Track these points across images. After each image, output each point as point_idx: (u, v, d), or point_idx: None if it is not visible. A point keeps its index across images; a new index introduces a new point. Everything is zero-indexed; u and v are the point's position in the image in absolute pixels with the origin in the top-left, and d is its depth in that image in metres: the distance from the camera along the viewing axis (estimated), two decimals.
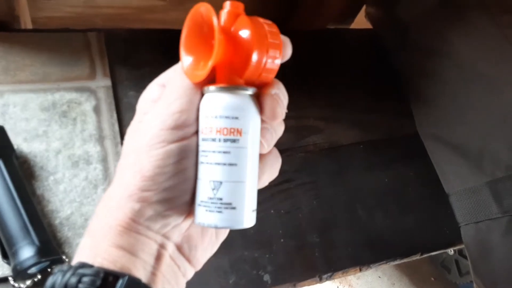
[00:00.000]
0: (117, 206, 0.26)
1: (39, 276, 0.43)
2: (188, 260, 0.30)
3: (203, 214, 0.27)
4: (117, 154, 0.52)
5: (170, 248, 0.28)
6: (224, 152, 0.27)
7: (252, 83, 0.27)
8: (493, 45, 0.58)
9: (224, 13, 0.28)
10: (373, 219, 0.62)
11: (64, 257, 0.44)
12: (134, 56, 0.61)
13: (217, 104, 0.27)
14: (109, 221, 0.26)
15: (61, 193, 0.48)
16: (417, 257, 0.62)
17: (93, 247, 0.26)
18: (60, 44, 0.58)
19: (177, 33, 0.29)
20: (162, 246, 0.27)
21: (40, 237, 0.41)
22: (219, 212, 0.27)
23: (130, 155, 0.27)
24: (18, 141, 0.49)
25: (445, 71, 0.65)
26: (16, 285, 0.42)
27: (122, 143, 0.53)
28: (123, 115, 0.56)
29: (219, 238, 0.32)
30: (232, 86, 0.27)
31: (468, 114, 0.62)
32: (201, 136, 0.27)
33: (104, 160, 0.52)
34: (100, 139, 0.53)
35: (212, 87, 0.27)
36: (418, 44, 0.70)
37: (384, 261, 0.59)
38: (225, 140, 0.27)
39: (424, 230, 0.64)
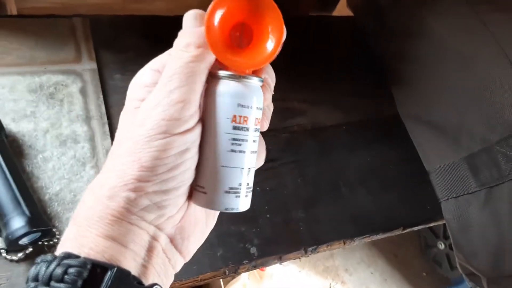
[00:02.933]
0: (110, 194, 0.25)
1: (30, 249, 0.44)
2: (180, 251, 0.29)
3: (232, 200, 0.28)
4: (104, 134, 0.53)
5: (163, 240, 0.27)
6: (254, 141, 0.28)
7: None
8: (465, 23, 0.60)
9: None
10: (356, 196, 0.64)
11: (54, 229, 0.45)
12: (119, 40, 0.62)
13: (253, 94, 0.27)
14: (100, 209, 0.25)
15: (50, 170, 0.49)
16: (399, 231, 0.64)
17: (79, 237, 0.24)
18: (46, 29, 0.59)
19: (160, 19, 0.30)
20: (154, 238, 0.27)
21: (31, 209, 0.42)
22: (246, 196, 0.28)
23: (125, 143, 0.26)
24: (7, 121, 0.50)
25: (421, 52, 0.67)
26: (8, 257, 0.43)
27: (108, 123, 0.54)
28: (109, 97, 0.57)
29: (209, 226, 0.31)
30: (259, 78, 0.28)
31: (445, 92, 0.64)
32: (231, 124, 0.27)
33: (91, 139, 0.53)
34: (87, 119, 0.54)
35: (253, 77, 0.27)
36: (395, 28, 0.72)
37: (368, 235, 0.61)
38: (256, 130, 0.28)
39: (405, 207, 0.66)
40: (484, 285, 0.62)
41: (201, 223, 0.30)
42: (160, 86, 0.26)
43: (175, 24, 0.30)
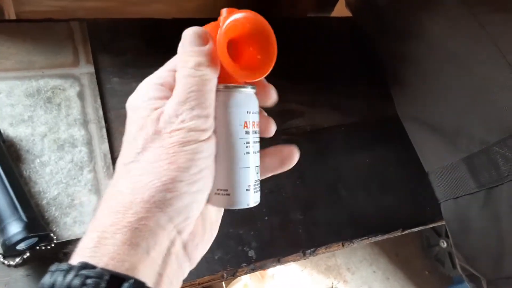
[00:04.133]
0: (143, 196, 0.26)
1: (28, 253, 0.44)
2: (190, 257, 0.30)
3: (254, 195, 0.32)
4: (102, 138, 0.54)
5: (178, 244, 0.28)
6: (257, 142, 0.32)
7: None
8: (462, 25, 0.60)
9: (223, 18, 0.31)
10: (355, 197, 0.64)
11: (52, 234, 0.45)
12: (116, 44, 0.62)
13: (255, 101, 0.32)
14: (132, 213, 0.25)
15: (48, 175, 0.49)
16: (398, 233, 0.64)
17: (100, 245, 0.25)
18: (44, 33, 0.59)
19: (158, 22, 0.31)
20: (172, 243, 0.27)
21: (28, 214, 0.42)
22: (259, 191, 0.33)
23: (155, 149, 0.27)
24: (4, 126, 0.50)
25: (419, 53, 0.67)
26: (5, 262, 0.43)
27: (106, 127, 0.54)
28: (107, 100, 0.57)
29: (213, 236, 0.33)
30: (253, 86, 0.32)
31: (443, 93, 0.64)
32: (244, 130, 0.31)
33: (89, 143, 0.53)
34: (85, 123, 0.54)
35: (249, 87, 0.31)
36: (393, 28, 0.72)
37: (366, 237, 0.61)
38: (257, 132, 0.32)
39: (404, 208, 0.66)
40: (484, 286, 0.62)
41: (208, 231, 0.32)
42: (180, 104, 0.28)
43: (173, 27, 0.31)
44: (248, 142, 0.31)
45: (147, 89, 0.30)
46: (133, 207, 0.26)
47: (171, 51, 0.31)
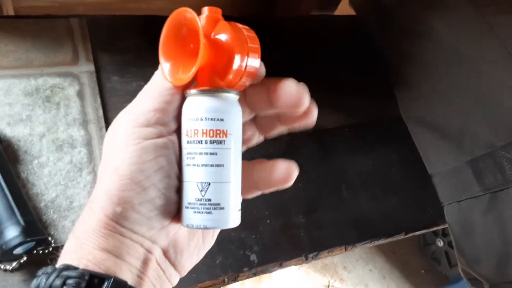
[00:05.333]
0: (99, 208, 0.26)
1: (25, 258, 0.43)
2: (174, 265, 0.29)
3: (191, 216, 0.27)
4: (102, 138, 0.52)
5: (157, 252, 0.28)
6: (211, 154, 0.27)
7: (233, 86, 0.28)
8: (471, 25, 0.59)
9: (203, 18, 0.28)
10: (358, 200, 0.63)
11: (49, 238, 0.44)
12: (117, 41, 0.61)
13: (202, 106, 0.27)
14: (93, 223, 0.26)
15: (46, 176, 0.48)
16: (401, 236, 0.63)
17: (77, 249, 0.25)
18: (43, 30, 0.58)
19: (160, 19, 0.30)
20: (148, 251, 0.27)
21: (25, 218, 0.41)
22: (208, 213, 0.27)
23: (108, 156, 0.27)
24: (2, 126, 0.49)
25: (426, 53, 0.66)
26: (2, 266, 0.42)
27: (106, 127, 0.53)
28: (107, 100, 0.56)
29: (206, 244, 0.32)
30: (216, 89, 0.28)
31: (448, 94, 0.63)
32: (185, 139, 0.28)
33: (88, 143, 0.52)
34: (84, 123, 0.53)
35: (195, 91, 0.27)
36: (399, 28, 0.71)
37: (369, 241, 0.60)
38: (212, 142, 0.27)
39: (408, 211, 0.65)
40: None
41: (196, 239, 0.31)
42: (137, 98, 0.28)
43: None
44: (190, 153, 0.27)
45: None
46: (93, 218, 0.26)
47: None
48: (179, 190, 0.28)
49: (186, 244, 0.30)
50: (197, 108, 0.27)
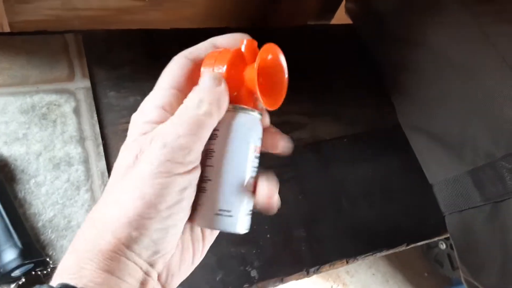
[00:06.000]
0: (110, 231, 0.25)
1: (23, 279, 0.42)
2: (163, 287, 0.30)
3: (249, 222, 0.32)
4: (99, 155, 0.52)
5: (154, 276, 0.28)
6: (256, 167, 0.32)
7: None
8: (467, 34, 0.59)
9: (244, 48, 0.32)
10: (359, 211, 0.63)
11: (47, 259, 0.43)
12: (113, 56, 0.60)
13: (261, 127, 0.32)
14: (101, 244, 0.25)
15: (43, 195, 0.48)
16: (403, 247, 0.63)
17: (77, 268, 0.25)
18: (38, 46, 0.57)
19: (155, 32, 0.30)
20: (147, 274, 0.27)
21: (23, 240, 0.41)
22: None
23: (129, 178, 0.27)
24: None
25: (422, 61, 0.66)
26: None
27: (103, 144, 0.53)
28: (104, 116, 0.55)
29: (194, 265, 0.32)
30: (260, 112, 0.32)
31: (446, 103, 0.63)
32: (253, 153, 0.31)
33: (85, 161, 0.51)
34: (81, 140, 0.52)
35: (256, 111, 0.31)
36: (395, 36, 0.70)
37: (371, 253, 0.60)
38: (258, 158, 0.32)
39: (409, 221, 0.65)
40: None
41: (187, 263, 0.31)
42: (170, 128, 0.27)
43: (171, 38, 0.30)
44: (254, 166, 0.31)
45: (150, 110, 0.29)
46: (104, 239, 0.26)
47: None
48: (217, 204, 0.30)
49: (178, 268, 0.30)
50: (260, 128, 0.31)
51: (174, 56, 0.31)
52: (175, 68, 0.30)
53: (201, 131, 0.28)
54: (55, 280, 0.25)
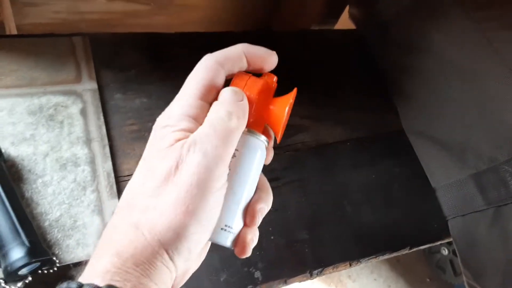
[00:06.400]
0: (158, 240, 0.26)
1: (30, 278, 0.43)
2: None
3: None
4: (105, 156, 0.52)
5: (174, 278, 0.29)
6: None
7: None
8: (469, 39, 0.59)
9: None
10: (362, 215, 0.63)
11: (54, 258, 0.44)
12: (120, 59, 0.61)
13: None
14: (147, 250, 0.26)
15: (50, 195, 0.48)
16: (406, 251, 0.63)
17: (123, 272, 0.25)
18: (45, 48, 0.58)
19: (161, 36, 0.30)
20: (171, 279, 0.28)
21: (30, 239, 0.41)
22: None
23: (172, 186, 0.27)
24: (5, 145, 0.49)
25: (425, 67, 0.66)
26: (7, 287, 0.42)
27: (109, 145, 0.53)
28: (110, 117, 0.56)
29: (197, 266, 0.33)
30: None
31: (449, 108, 0.63)
32: (259, 174, 0.33)
33: (92, 162, 0.52)
34: (88, 141, 0.53)
35: (267, 140, 0.33)
36: (398, 42, 0.71)
37: (374, 256, 0.60)
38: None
39: (412, 225, 0.65)
40: None
41: (191, 270, 0.32)
42: (207, 137, 0.28)
43: (177, 42, 0.31)
44: (257, 187, 0.33)
45: (179, 118, 0.29)
46: (152, 247, 0.26)
47: (175, 66, 0.31)
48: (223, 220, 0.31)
49: (188, 274, 0.32)
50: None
51: (205, 56, 0.31)
52: (205, 74, 0.30)
53: (232, 143, 0.29)
54: (90, 278, 0.25)
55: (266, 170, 0.34)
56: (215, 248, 0.52)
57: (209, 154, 0.27)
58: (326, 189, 0.63)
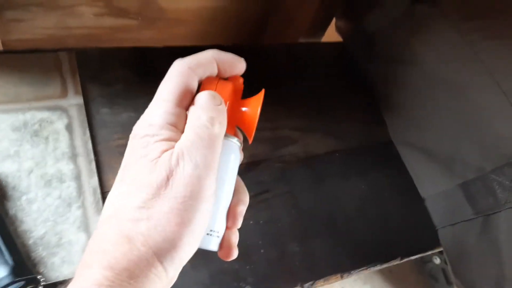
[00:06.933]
0: (152, 253, 0.26)
1: None
2: None
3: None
4: (91, 172, 0.52)
5: None
6: None
7: None
8: (455, 51, 0.60)
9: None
10: (352, 226, 0.63)
11: (38, 276, 0.43)
12: (106, 73, 0.61)
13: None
14: (142, 263, 0.25)
15: (34, 212, 0.47)
16: (397, 261, 0.63)
17: (118, 286, 0.25)
18: (31, 64, 0.58)
19: (148, 50, 0.30)
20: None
21: (14, 257, 0.41)
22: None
23: (164, 199, 0.27)
24: None
25: (411, 78, 0.66)
26: None
27: (95, 160, 0.53)
28: (96, 132, 0.55)
29: None
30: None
31: (436, 119, 0.64)
32: (236, 178, 0.33)
33: (77, 177, 0.51)
34: (73, 157, 0.52)
35: (240, 142, 0.33)
36: (385, 54, 0.72)
37: (365, 267, 0.59)
38: None
39: (402, 235, 0.65)
40: None
41: (175, 278, 0.32)
42: (193, 146, 0.28)
43: (164, 56, 0.30)
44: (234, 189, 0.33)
45: (160, 127, 0.28)
46: (144, 262, 0.26)
47: (162, 80, 0.30)
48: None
49: (173, 280, 0.31)
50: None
51: (177, 61, 0.31)
52: (180, 79, 0.30)
53: (217, 150, 0.29)
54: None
55: (255, 182, 0.34)
56: (204, 264, 0.52)
57: (199, 164, 0.27)
58: (316, 200, 0.63)
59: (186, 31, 0.84)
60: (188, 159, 0.27)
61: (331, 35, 0.85)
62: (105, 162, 0.54)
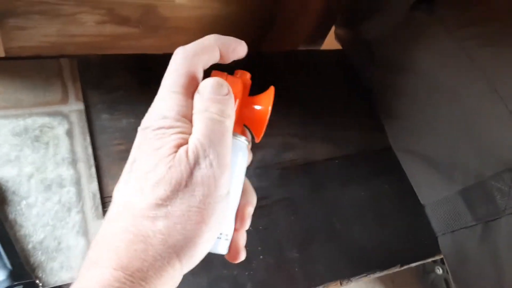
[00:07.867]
0: (176, 251, 0.25)
1: None
2: None
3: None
4: (91, 177, 0.52)
5: None
6: None
7: None
8: (452, 58, 0.60)
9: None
10: (352, 232, 0.63)
11: (37, 281, 0.43)
12: (107, 80, 0.61)
13: None
14: (164, 264, 0.25)
15: (34, 217, 0.47)
16: (397, 268, 0.62)
17: (133, 284, 0.24)
18: (32, 70, 0.58)
19: (148, 57, 0.30)
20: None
21: (13, 261, 0.41)
22: None
23: (186, 198, 0.26)
24: None
25: (410, 85, 0.67)
26: None
27: (95, 165, 0.53)
28: (97, 138, 0.56)
29: None
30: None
31: (435, 125, 0.64)
32: (245, 178, 0.32)
33: (77, 183, 0.51)
34: (73, 162, 0.52)
35: (247, 141, 0.32)
36: (384, 61, 0.72)
37: (364, 274, 0.59)
38: None
39: (402, 242, 0.65)
40: None
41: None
42: (207, 142, 0.27)
43: (164, 63, 0.30)
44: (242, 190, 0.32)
45: (175, 119, 0.27)
46: (159, 261, 0.25)
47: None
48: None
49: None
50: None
51: (180, 49, 0.29)
52: (187, 67, 0.29)
53: (229, 145, 0.28)
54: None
55: (254, 188, 0.34)
56: (204, 270, 0.52)
57: (215, 163, 0.26)
58: (315, 206, 0.63)
59: (187, 39, 0.85)
60: (204, 157, 0.26)
61: (331, 43, 0.86)
62: (105, 167, 0.54)
